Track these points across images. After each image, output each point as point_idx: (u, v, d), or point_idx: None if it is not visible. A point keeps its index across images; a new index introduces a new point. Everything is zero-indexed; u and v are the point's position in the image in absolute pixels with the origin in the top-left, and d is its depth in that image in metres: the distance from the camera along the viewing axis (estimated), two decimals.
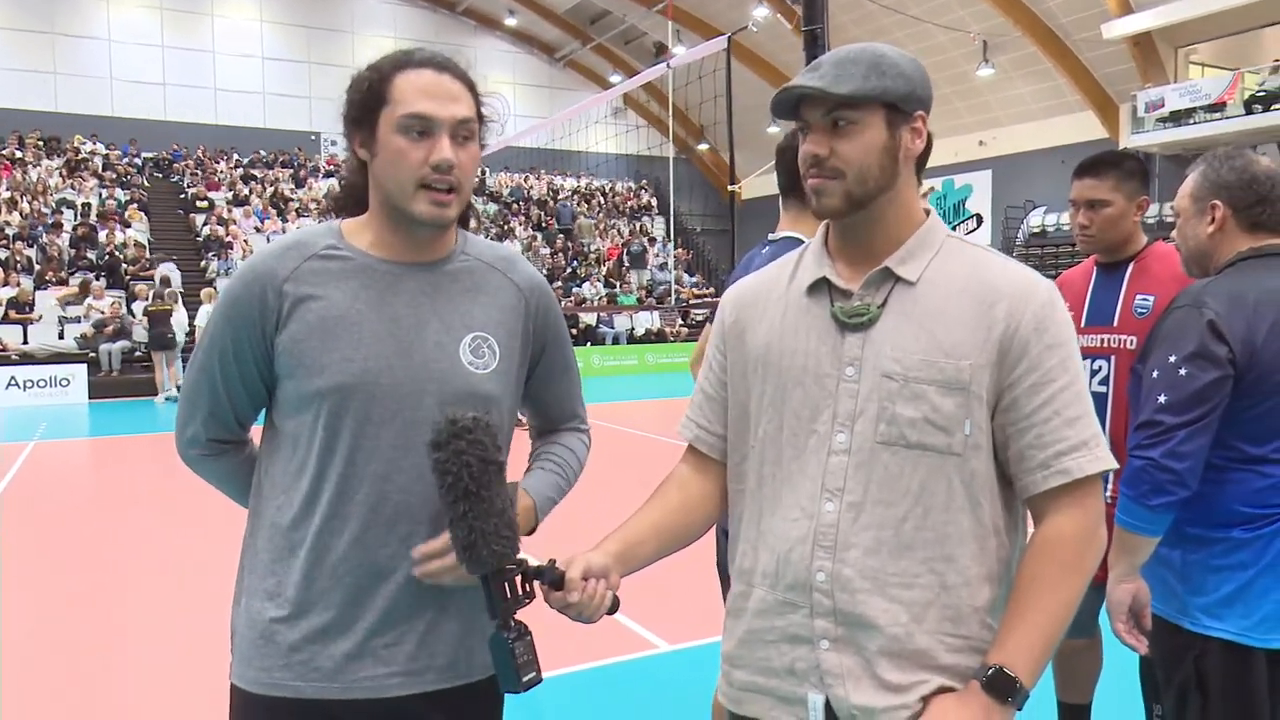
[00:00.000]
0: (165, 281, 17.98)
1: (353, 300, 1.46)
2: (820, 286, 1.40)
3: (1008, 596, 1.31)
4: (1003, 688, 1.23)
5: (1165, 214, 16.99)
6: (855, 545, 1.30)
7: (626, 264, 25.02)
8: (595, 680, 3.94)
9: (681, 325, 23.30)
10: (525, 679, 1.28)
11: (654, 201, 30.07)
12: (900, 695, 1.28)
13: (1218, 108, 18.56)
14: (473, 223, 1.66)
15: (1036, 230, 21.43)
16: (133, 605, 4.97)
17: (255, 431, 1.61)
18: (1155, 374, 1.87)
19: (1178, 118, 19.11)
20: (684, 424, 1.56)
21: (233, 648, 1.52)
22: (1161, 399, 1.84)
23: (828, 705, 1.32)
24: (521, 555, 1.31)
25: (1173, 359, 1.85)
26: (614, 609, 1.36)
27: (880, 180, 1.34)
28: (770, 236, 2.52)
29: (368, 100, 1.44)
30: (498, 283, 1.56)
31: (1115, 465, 1.29)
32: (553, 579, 1.31)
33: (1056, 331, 1.30)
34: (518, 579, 1.30)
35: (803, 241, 2.19)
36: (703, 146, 30.33)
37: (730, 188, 5.34)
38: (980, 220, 24.21)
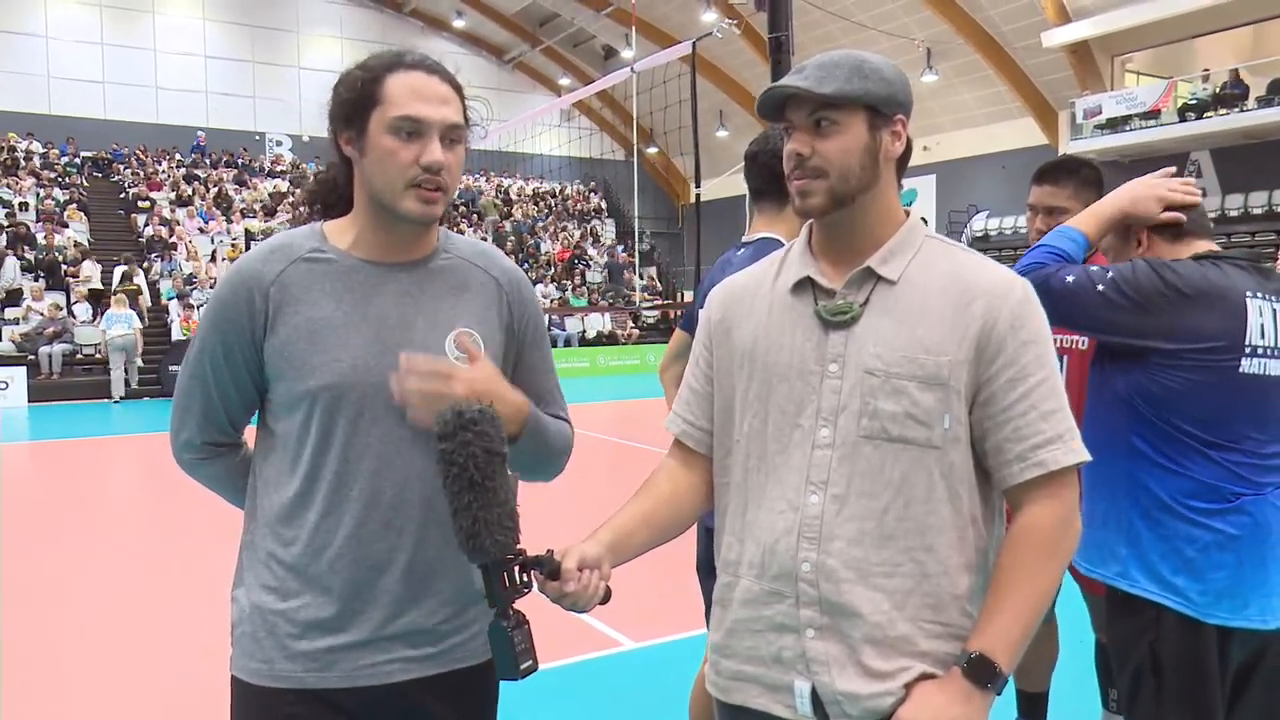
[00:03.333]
0: (127, 278, 17.59)
1: (339, 302, 1.48)
2: (804, 285, 1.45)
3: (985, 584, 1.37)
4: (983, 673, 1.29)
5: None
6: (839, 536, 1.35)
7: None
8: (560, 679, 3.96)
9: (633, 327, 23.34)
10: (523, 667, 1.31)
11: (604, 204, 30.08)
12: (884, 681, 1.33)
13: (1153, 115, 19.15)
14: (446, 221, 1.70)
15: (979, 234, 21.88)
16: (80, 606, 4.87)
17: (250, 433, 1.63)
18: (1079, 274, 1.98)
19: (1114, 125, 19.68)
20: (671, 419, 1.60)
21: (233, 640, 1.54)
22: (1069, 279, 1.96)
23: (814, 692, 1.37)
24: (520, 546, 1.34)
25: (1111, 274, 1.93)
26: (606, 599, 1.39)
27: (862, 179, 1.39)
28: (744, 239, 2.57)
29: (359, 100, 1.46)
30: (480, 279, 1.60)
31: (1089, 458, 1.36)
32: (550, 569, 1.34)
33: (1033, 328, 1.36)
34: (516, 569, 1.32)
35: (781, 242, 2.25)
36: (652, 150, 30.43)
37: (695, 191, 5.40)
38: (925, 224, 24.63)
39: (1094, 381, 2.10)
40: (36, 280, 17.72)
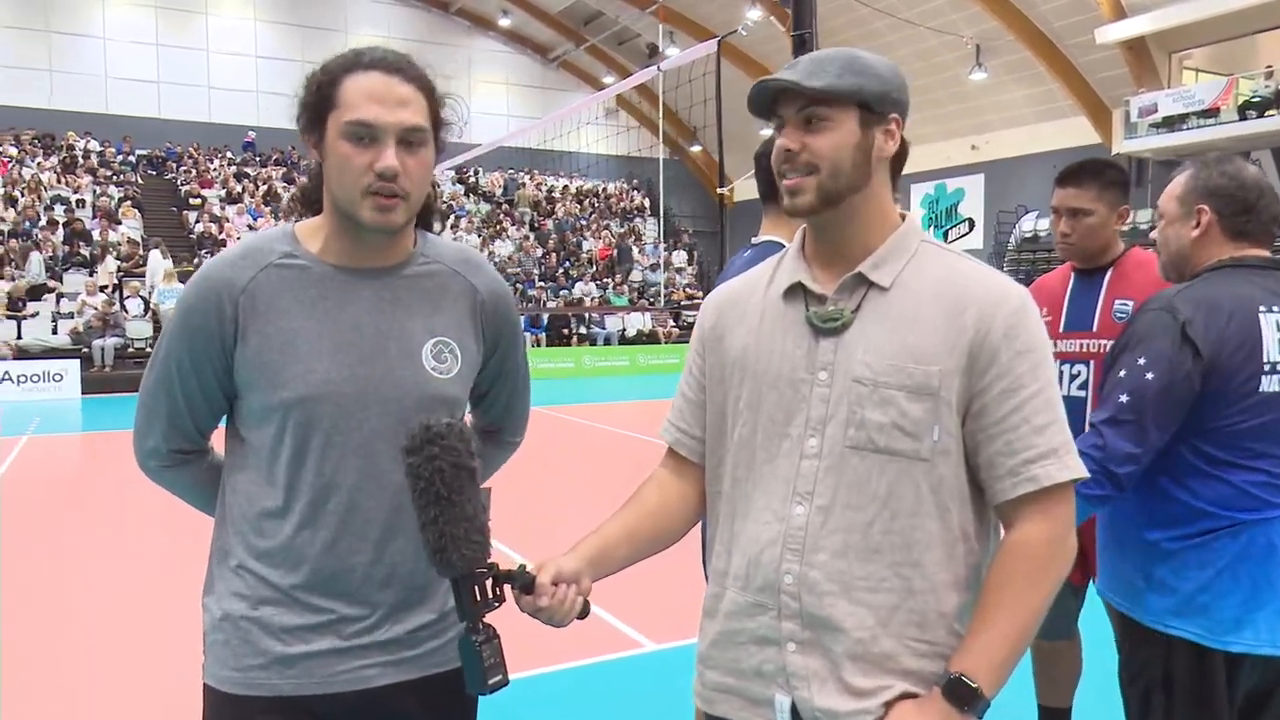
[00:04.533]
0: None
1: (311, 310, 1.45)
2: (796, 291, 1.41)
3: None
4: (962, 695, 1.24)
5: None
6: (823, 548, 1.31)
7: (615, 257, 25.07)
8: (579, 679, 3.95)
9: (673, 326, 23.30)
10: (491, 681, 1.29)
11: (647, 203, 30.08)
12: (863, 700, 1.29)
13: (1211, 113, 18.62)
14: (437, 225, 1.66)
15: (1029, 235, 21.50)
16: (125, 600, 4.97)
17: (216, 438, 1.60)
18: (1121, 374, 1.89)
19: (1171, 123, 19.16)
20: (665, 427, 1.57)
21: (206, 648, 1.52)
22: (1123, 398, 1.86)
23: (794, 708, 1.33)
24: (492, 560, 1.33)
25: (1141, 360, 1.86)
26: (584, 614, 1.37)
27: (853, 177, 1.35)
28: (752, 241, 2.55)
29: (317, 103, 1.42)
30: (459, 286, 1.56)
31: (1086, 474, 1.31)
32: (523, 583, 1.32)
33: (1027, 338, 1.31)
34: (488, 582, 1.30)
35: (783, 245, 2.21)
36: (695, 148, 30.35)
37: (719, 190, 5.36)
38: (972, 225, 24.27)
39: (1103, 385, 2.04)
40: (91, 275, 18.21)
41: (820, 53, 1.38)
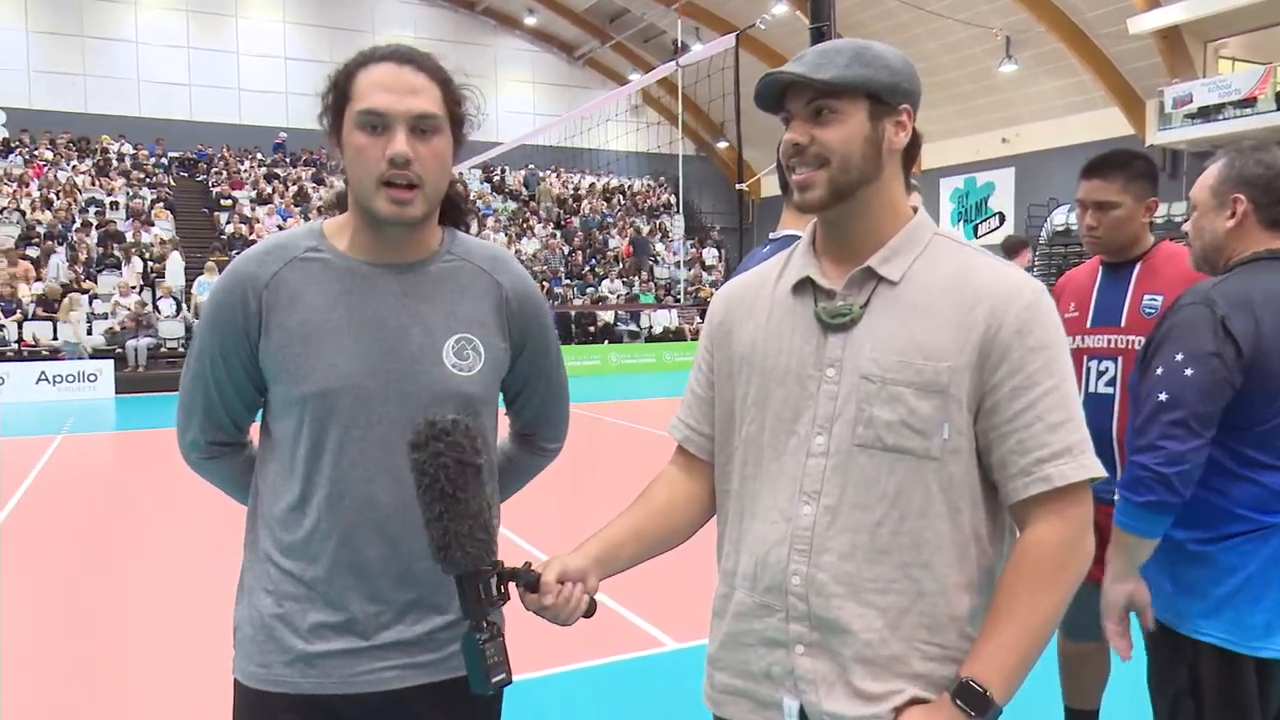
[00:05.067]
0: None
1: (334, 304, 1.46)
2: (805, 286, 1.38)
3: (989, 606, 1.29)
4: (972, 701, 1.21)
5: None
6: (830, 549, 1.29)
7: (629, 249, 25.09)
8: (601, 677, 3.94)
9: (700, 323, 23.24)
10: (494, 680, 1.28)
11: (673, 200, 30.07)
12: (872, 705, 1.26)
13: (1248, 103, 18.25)
14: (474, 227, 1.66)
15: (1060, 229, 21.19)
16: (155, 595, 5.03)
17: (256, 430, 1.63)
18: (1159, 371, 1.84)
19: (1206, 113, 18.81)
20: (673, 424, 1.55)
21: (235, 643, 1.54)
22: (1162, 397, 1.81)
23: (802, 712, 1.31)
24: (497, 558, 1.32)
25: (1179, 357, 1.81)
26: (590, 613, 1.36)
27: (863, 170, 1.32)
28: (771, 235, 2.51)
29: (336, 98, 1.44)
30: (484, 284, 1.55)
31: (1102, 473, 1.26)
32: (528, 581, 1.31)
33: (1041, 334, 1.27)
34: (493, 580, 1.29)
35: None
36: (722, 144, 30.26)
37: (738, 186, 5.33)
38: (1002, 219, 23.99)
39: (1135, 384, 1.99)
40: (122, 275, 18.49)
41: (828, 44, 1.35)
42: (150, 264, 19.26)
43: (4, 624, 4.63)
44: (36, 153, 22.98)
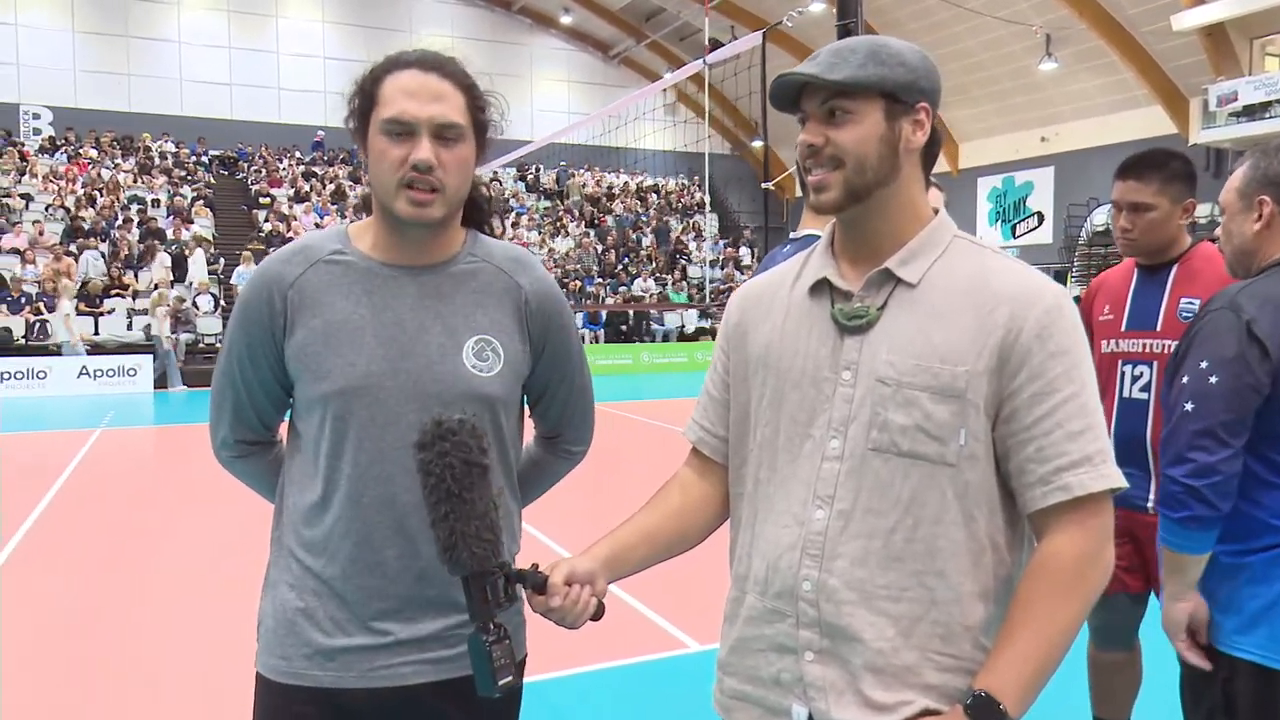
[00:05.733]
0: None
1: (356, 305, 1.48)
2: (822, 287, 1.36)
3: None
4: (986, 714, 1.17)
5: None
6: (842, 555, 1.26)
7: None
8: (623, 678, 3.93)
9: None
10: (500, 682, 1.27)
11: (707, 199, 30.01)
12: (882, 715, 1.24)
13: None
14: (498, 227, 1.66)
15: (1100, 229, 20.85)
16: (189, 585, 5.10)
17: (284, 429, 1.65)
18: (1185, 379, 1.79)
19: (1252, 111, 18.44)
20: (689, 426, 1.54)
21: (259, 636, 1.57)
22: (1188, 407, 1.76)
23: (811, 719, 1.28)
24: (504, 559, 1.31)
25: (1204, 364, 1.76)
26: (598, 615, 1.35)
27: (879, 171, 1.29)
28: (792, 235, 2.48)
29: (362, 104, 1.47)
30: (504, 285, 1.56)
31: (1123, 484, 1.23)
32: (535, 583, 1.31)
33: (1061, 339, 1.23)
34: (500, 581, 1.29)
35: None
36: (756, 143, 30.13)
37: (764, 185, 5.30)
38: (1041, 219, 23.66)
39: (1166, 392, 1.94)
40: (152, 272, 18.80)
41: (843, 42, 1.32)
42: (180, 260, 19.54)
43: (22, 619, 4.72)
44: (81, 151, 23.46)
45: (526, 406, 1.68)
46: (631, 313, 21.97)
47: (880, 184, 1.30)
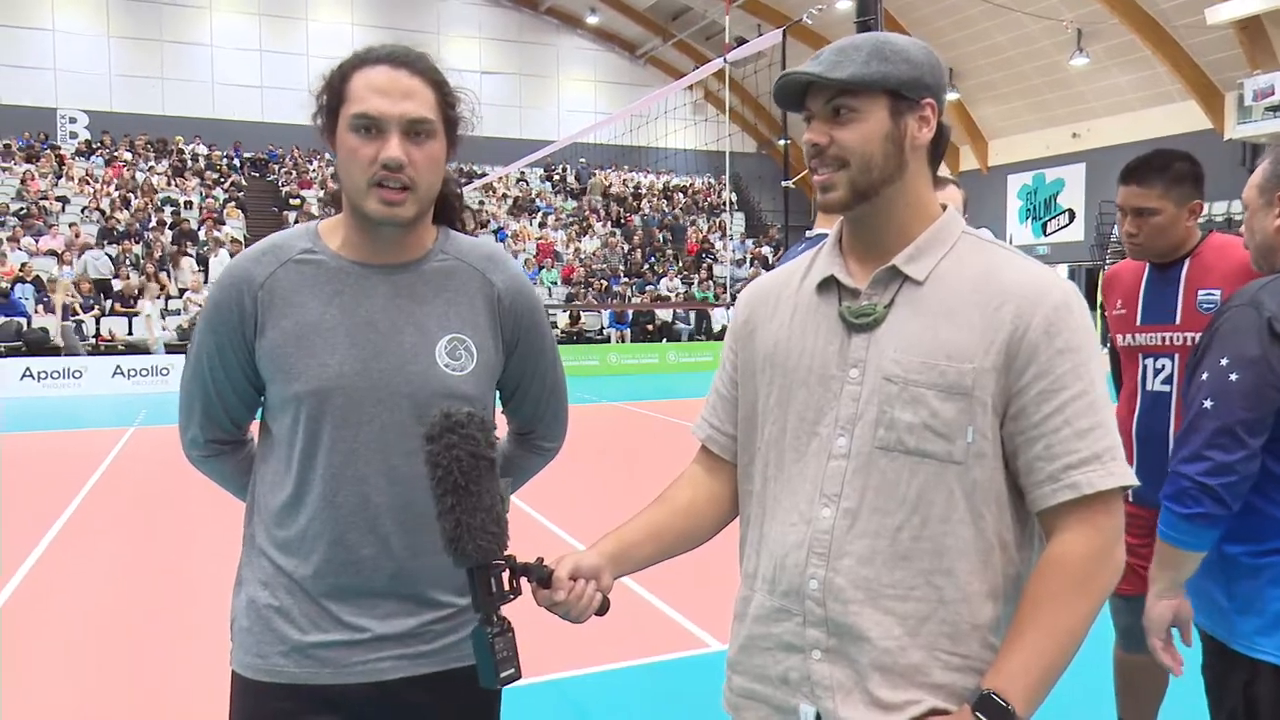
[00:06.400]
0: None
1: (327, 305, 1.47)
2: (829, 285, 1.36)
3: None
4: (994, 714, 1.16)
5: None
6: (849, 553, 1.26)
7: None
8: (643, 676, 3.93)
9: None
10: (503, 675, 1.28)
11: (734, 198, 29.94)
12: (889, 714, 1.23)
13: None
14: (470, 223, 1.66)
15: None
16: (220, 580, 5.17)
17: (256, 428, 1.64)
18: (1204, 376, 1.77)
19: None
20: (697, 424, 1.53)
21: (232, 635, 1.56)
22: (1207, 404, 1.74)
23: (819, 719, 1.28)
24: (510, 552, 1.31)
25: (1224, 361, 1.74)
26: (603, 610, 1.35)
27: (885, 169, 1.29)
28: (806, 234, 2.47)
29: (330, 99, 1.44)
30: (477, 283, 1.55)
31: (1133, 481, 1.21)
32: (540, 577, 1.31)
33: (1070, 336, 1.22)
34: (505, 574, 1.29)
35: None
36: (782, 142, 30.01)
37: (784, 183, 5.27)
38: (1072, 216, 23.38)
39: (1186, 388, 1.91)
40: (194, 273, 19.07)
41: (847, 40, 1.31)
42: (205, 261, 19.79)
43: (59, 614, 4.80)
44: (116, 154, 23.84)
45: (500, 403, 1.67)
46: (656, 312, 21.98)
47: (886, 182, 1.29)
